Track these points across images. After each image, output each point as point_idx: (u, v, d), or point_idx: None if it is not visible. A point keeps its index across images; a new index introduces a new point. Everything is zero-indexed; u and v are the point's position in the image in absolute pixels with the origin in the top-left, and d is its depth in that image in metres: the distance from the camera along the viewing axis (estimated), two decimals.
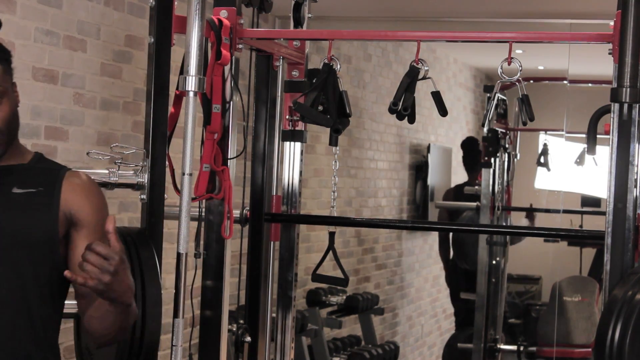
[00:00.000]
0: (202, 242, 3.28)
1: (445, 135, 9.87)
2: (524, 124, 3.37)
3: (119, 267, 2.22)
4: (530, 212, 7.78)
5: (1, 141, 2.44)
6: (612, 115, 3.07)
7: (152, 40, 2.98)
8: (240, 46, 3.25)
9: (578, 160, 7.06)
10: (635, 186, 3.09)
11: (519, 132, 7.20)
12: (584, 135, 4.53)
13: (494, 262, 6.85)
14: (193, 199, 2.94)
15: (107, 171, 2.97)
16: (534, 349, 7.02)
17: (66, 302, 2.55)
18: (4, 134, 2.45)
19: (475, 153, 7.57)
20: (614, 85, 2.97)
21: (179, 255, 2.74)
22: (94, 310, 2.40)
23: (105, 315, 2.36)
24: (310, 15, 3.82)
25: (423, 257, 9.34)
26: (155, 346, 2.81)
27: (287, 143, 3.78)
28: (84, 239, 2.45)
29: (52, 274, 2.45)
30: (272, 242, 3.71)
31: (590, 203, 8.73)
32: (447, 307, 9.29)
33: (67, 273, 2.23)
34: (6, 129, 2.45)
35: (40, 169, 2.54)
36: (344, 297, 6.73)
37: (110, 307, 2.32)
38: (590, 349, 6.91)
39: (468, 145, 8.00)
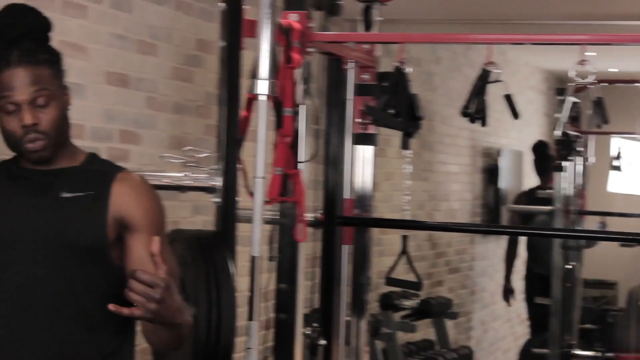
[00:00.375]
0: (275, 245, 3.28)
1: (516, 138, 9.79)
2: (598, 126, 3.32)
3: (165, 294, 2.17)
4: (604, 216, 7.68)
5: (48, 144, 2.41)
6: None
7: (223, 44, 2.99)
8: (310, 50, 3.25)
9: None
10: None
11: (592, 136, 7.10)
12: None
13: (568, 266, 6.76)
14: (266, 202, 2.94)
15: (180, 174, 2.98)
16: (611, 354, 6.90)
17: None
18: (51, 137, 2.41)
19: (546, 156, 7.49)
20: None
21: (253, 258, 2.75)
22: (146, 324, 2.35)
23: (158, 331, 2.33)
24: (380, 18, 3.81)
25: (496, 261, 9.25)
26: (230, 349, 2.81)
27: (359, 146, 3.77)
28: (138, 243, 2.41)
29: (106, 279, 2.41)
30: (345, 246, 3.70)
31: None
32: (522, 311, 9.21)
33: (111, 307, 2.17)
34: (54, 133, 2.41)
35: (91, 172, 2.49)
36: (418, 301, 6.69)
37: (161, 326, 2.29)
38: None
39: (538, 148, 7.92)
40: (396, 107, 3.40)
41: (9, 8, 2.49)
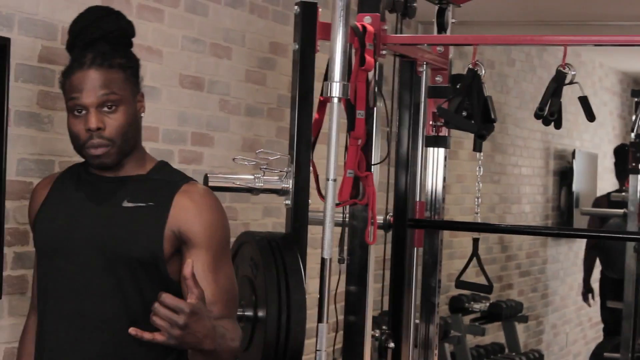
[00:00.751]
0: (345, 248, 3.28)
1: (590, 140, 9.68)
2: None
3: (190, 320, 2.11)
4: None
5: (111, 151, 2.37)
6: None
7: (297, 47, 3.00)
8: (383, 52, 3.25)
9: None
10: None
11: None
12: None
13: None
14: (337, 205, 2.95)
15: (252, 177, 2.99)
16: None
17: None
18: (116, 144, 2.37)
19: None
20: None
21: (323, 260, 2.75)
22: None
23: (195, 356, 2.29)
24: (453, 21, 3.80)
25: (568, 265, 9.17)
26: (299, 351, 2.82)
27: (431, 149, 3.76)
28: (197, 261, 2.33)
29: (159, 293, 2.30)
30: (415, 248, 3.69)
31: None
32: (593, 315, 9.10)
33: (132, 331, 2.13)
34: (119, 139, 2.37)
35: (156, 181, 2.44)
36: (487, 304, 6.66)
37: (194, 353, 2.25)
38: None
39: (620, 151, 7.81)
40: (469, 110, 3.39)
41: (90, 10, 2.48)
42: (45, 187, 2.53)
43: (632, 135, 6.68)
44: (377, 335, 3.48)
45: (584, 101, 3.28)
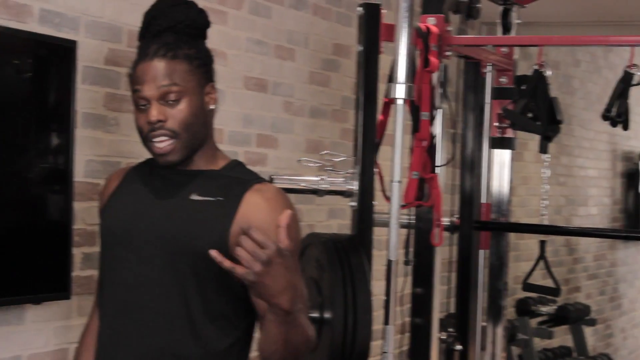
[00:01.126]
0: (411, 250, 3.27)
1: None
2: None
3: (274, 258, 2.03)
4: None
5: (175, 146, 2.29)
6: None
7: (361, 48, 2.99)
8: (448, 53, 3.23)
9: None
10: None
11: None
12: None
13: None
14: (402, 206, 2.94)
15: (317, 178, 2.99)
16: None
17: None
18: (181, 137, 2.28)
19: None
20: None
21: (389, 262, 2.74)
22: (260, 330, 2.24)
23: (268, 328, 2.17)
24: (518, 21, 3.77)
25: (637, 268, 9.06)
26: (366, 352, 2.82)
27: (496, 150, 3.73)
28: None
29: (219, 289, 2.27)
30: (481, 250, 3.67)
31: None
32: None
33: (213, 252, 2.03)
34: (183, 132, 2.28)
35: (228, 178, 2.35)
36: (555, 307, 6.61)
37: (271, 316, 2.13)
38: None
39: None
40: (534, 111, 3.36)
41: (162, 0, 2.40)
42: (117, 179, 2.48)
43: None
44: (443, 337, 3.46)
45: None
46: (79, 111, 3.24)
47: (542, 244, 3.79)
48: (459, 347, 3.49)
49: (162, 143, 2.28)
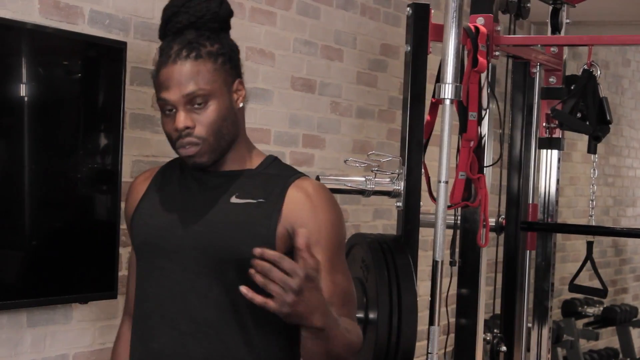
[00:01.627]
0: (457, 250, 3.26)
1: None
2: None
3: (305, 286, 1.92)
4: None
5: (203, 150, 2.18)
6: None
7: (409, 48, 2.99)
8: (496, 53, 3.22)
9: None
10: None
11: None
12: None
13: None
14: (449, 207, 2.93)
15: (363, 179, 2.99)
16: None
17: None
18: (208, 142, 2.18)
19: None
20: None
21: (435, 262, 2.74)
22: (305, 340, 2.11)
23: (305, 343, 2.09)
24: (568, 21, 3.75)
25: None
26: (410, 353, 2.82)
27: (544, 150, 3.72)
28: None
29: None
30: (527, 251, 3.65)
31: None
32: None
33: (243, 289, 1.92)
34: (211, 137, 2.18)
35: (266, 176, 2.26)
36: (601, 309, 6.56)
37: (306, 334, 2.05)
38: None
39: None
40: (583, 111, 3.34)
41: None
42: (144, 182, 2.37)
43: None
44: (488, 338, 3.45)
45: None
46: (127, 112, 3.27)
47: (589, 244, 3.77)
48: (503, 348, 3.47)
49: (190, 149, 2.17)
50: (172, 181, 2.31)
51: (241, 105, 2.28)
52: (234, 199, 2.21)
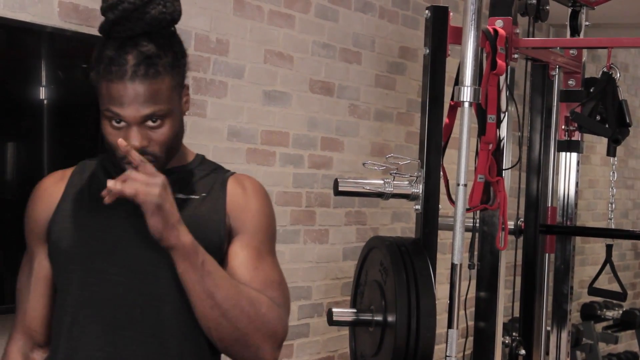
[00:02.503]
0: (475, 253, 3.26)
1: None
2: None
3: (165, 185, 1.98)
4: None
5: (157, 166, 2.06)
6: None
7: (427, 51, 2.98)
8: (515, 56, 3.21)
9: None
10: None
11: None
12: None
13: None
14: (467, 210, 2.93)
15: (382, 181, 2.98)
16: None
17: None
18: (161, 160, 2.10)
19: None
20: None
21: (453, 265, 2.73)
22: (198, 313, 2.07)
23: (183, 283, 2.04)
24: (587, 23, 3.74)
25: None
26: (429, 356, 2.81)
27: (563, 153, 3.71)
28: (240, 247, 2.15)
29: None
30: (546, 254, 3.64)
31: None
32: None
33: (121, 141, 1.96)
34: (164, 154, 2.10)
35: (202, 172, 2.23)
36: (620, 312, 6.53)
37: (178, 262, 2.03)
38: None
39: None
40: (603, 114, 3.33)
41: None
42: (56, 184, 2.23)
43: None
44: (507, 342, 3.44)
45: None
46: None
47: (609, 247, 3.75)
48: (522, 351, 3.46)
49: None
50: (95, 183, 2.19)
51: (187, 109, 2.19)
52: (179, 195, 2.13)
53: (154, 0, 2.05)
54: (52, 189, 2.22)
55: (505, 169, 3.21)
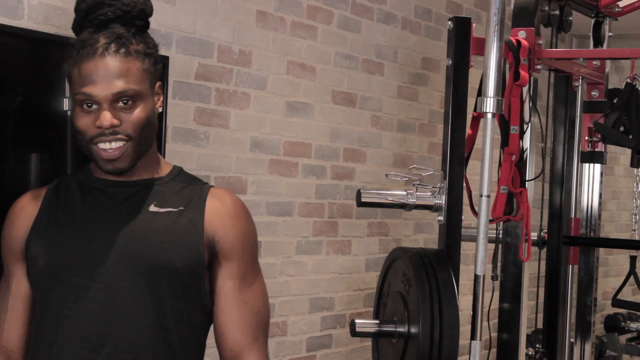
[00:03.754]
0: (499, 264, 3.25)
1: None
2: None
3: None
4: None
5: (129, 151, 2.07)
6: None
7: (450, 62, 2.98)
8: (538, 67, 3.20)
9: None
10: None
11: None
12: None
13: None
14: (490, 221, 2.92)
15: (404, 192, 2.98)
16: None
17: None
18: (135, 141, 2.07)
19: None
20: None
21: (476, 277, 2.73)
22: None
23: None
24: (610, 34, 3.73)
25: None
26: None
27: (586, 164, 3.70)
28: (228, 275, 2.16)
29: (197, 306, 2.14)
30: (570, 266, 3.63)
31: None
32: None
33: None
34: (137, 136, 2.07)
35: (179, 185, 2.20)
36: None
37: None
38: None
39: None
40: (626, 125, 3.32)
41: None
42: (32, 202, 2.20)
43: None
44: (530, 353, 3.43)
45: None
46: (169, 125, 3.29)
47: (633, 259, 3.74)
48: None
49: (114, 152, 2.06)
50: (70, 198, 2.17)
51: (160, 110, 2.17)
52: (152, 208, 2.13)
53: None
54: (29, 207, 2.20)
55: (528, 180, 3.20)
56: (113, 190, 2.14)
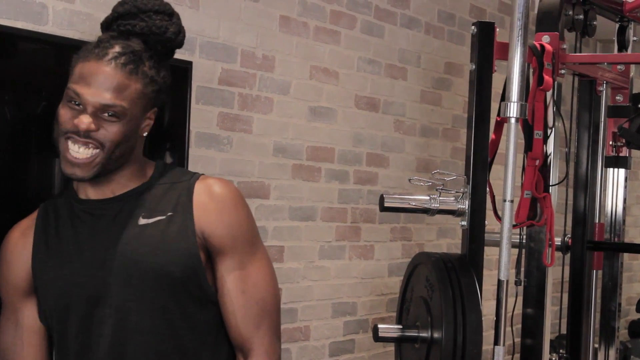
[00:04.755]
0: (522, 270, 3.24)
1: None
2: None
3: None
4: None
5: (97, 161, 2.06)
6: None
7: (474, 67, 2.98)
8: (562, 71, 3.19)
9: None
10: None
11: None
12: None
13: None
14: (514, 226, 2.91)
15: (428, 197, 2.98)
16: None
17: None
18: (106, 153, 2.06)
19: None
20: None
21: (499, 282, 2.72)
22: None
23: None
24: (635, 39, 3.71)
25: None
26: None
27: (610, 169, 3.68)
28: (224, 268, 2.15)
29: (202, 305, 2.16)
30: (594, 271, 3.61)
31: None
32: None
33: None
34: (109, 148, 2.05)
35: (165, 186, 2.17)
36: None
37: None
38: None
39: None
40: None
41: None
42: (23, 236, 2.20)
43: None
44: (554, 359, 3.41)
45: None
46: (193, 130, 3.30)
47: None
48: None
49: (81, 157, 2.05)
50: (62, 226, 2.16)
51: (144, 134, 2.16)
52: (141, 220, 2.12)
53: (169, 17, 2.11)
54: (22, 240, 2.20)
55: (552, 185, 3.19)
56: (100, 211, 2.14)
